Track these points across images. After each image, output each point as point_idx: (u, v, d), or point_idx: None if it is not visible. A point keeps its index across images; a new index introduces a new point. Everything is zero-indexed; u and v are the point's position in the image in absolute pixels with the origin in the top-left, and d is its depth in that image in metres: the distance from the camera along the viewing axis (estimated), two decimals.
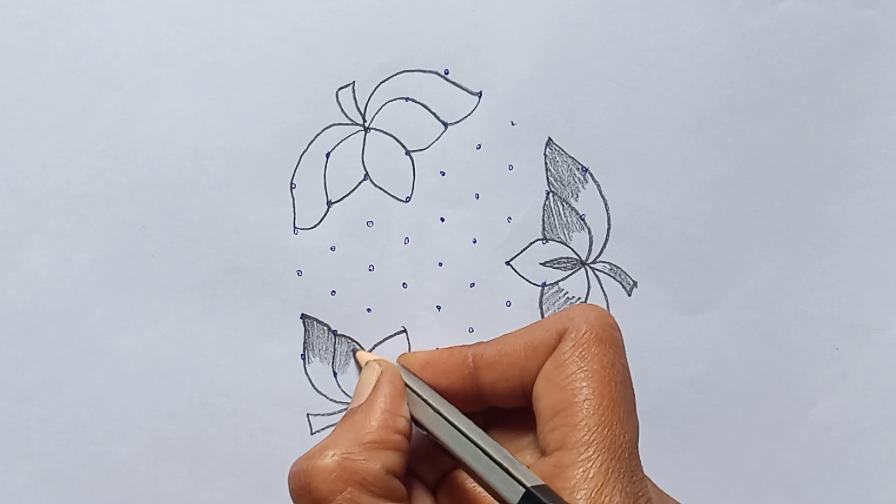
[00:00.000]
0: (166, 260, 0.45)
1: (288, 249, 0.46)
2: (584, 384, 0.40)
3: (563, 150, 0.47)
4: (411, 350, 0.47)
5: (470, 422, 0.42)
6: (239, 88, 0.45)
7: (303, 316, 0.46)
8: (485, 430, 0.42)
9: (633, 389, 0.41)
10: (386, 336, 0.47)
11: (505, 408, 0.44)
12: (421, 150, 0.47)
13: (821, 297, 0.49)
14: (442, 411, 0.42)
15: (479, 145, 0.47)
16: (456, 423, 0.41)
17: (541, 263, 0.47)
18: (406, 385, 0.43)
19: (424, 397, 0.42)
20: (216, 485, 0.46)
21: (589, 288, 0.48)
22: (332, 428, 0.46)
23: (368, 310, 0.46)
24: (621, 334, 0.42)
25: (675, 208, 0.48)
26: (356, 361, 0.46)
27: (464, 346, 0.44)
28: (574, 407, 0.40)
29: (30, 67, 0.44)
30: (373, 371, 0.43)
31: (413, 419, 0.42)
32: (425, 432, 0.42)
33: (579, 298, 0.47)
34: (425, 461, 0.44)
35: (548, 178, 0.47)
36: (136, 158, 0.45)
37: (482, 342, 0.44)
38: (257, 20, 0.45)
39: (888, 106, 0.48)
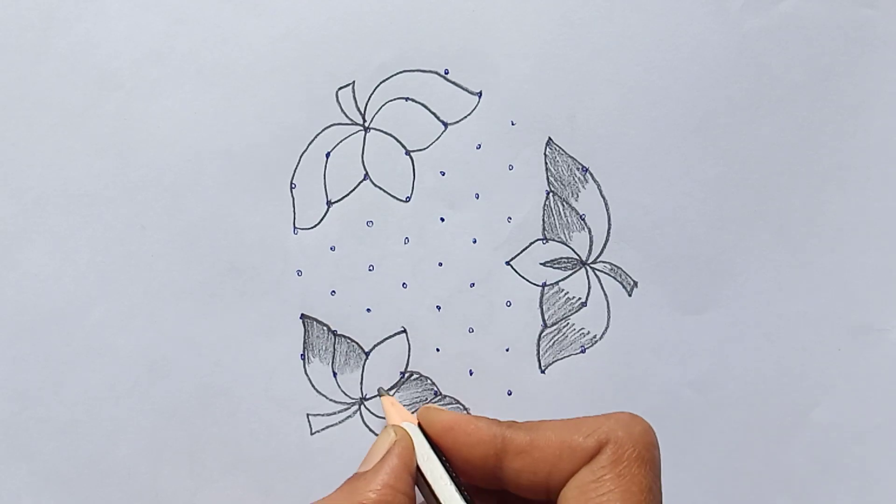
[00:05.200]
0: (166, 260, 0.45)
1: (288, 249, 0.46)
2: None
3: (563, 150, 0.47)
4: (411, 350, 0.47)
5: None
6: (239, 88, 0.45)
7: (303, 316, 0.46)
8: None
9: None
10: (386, 336, 0.47)
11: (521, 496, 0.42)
12: (421, 149, 0.47)
13: (822, 297, 0.48)
14: (441, 498, 0.41)
15: (479, 145, 0.47)
16: None
17: (541, 263, 0.47)
18: (416, 455, 0.42)
19: (428, 479, 0.42)
20: (216, 485, 0.46)
21: (589, 288, 0.48)
22: (332, 428, 0.46)
23: (368, 310, 0.46)
24: (660, 453, 0.41)
25: (675, 208, 0.48)
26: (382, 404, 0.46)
27: (493, 420, 0.42)
28: None
29: (30, 67, 0.45)
30: (387, 438, 0.42)
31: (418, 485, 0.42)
32: None
33: (579, 298, 0.47)
34: None
35: (548, 178, 0.47)
36: (136, 158, 0.45)
37: (514, 423, 0.42)
38: (257, 20, 0.45)
39: (888, 106, 0.48)
